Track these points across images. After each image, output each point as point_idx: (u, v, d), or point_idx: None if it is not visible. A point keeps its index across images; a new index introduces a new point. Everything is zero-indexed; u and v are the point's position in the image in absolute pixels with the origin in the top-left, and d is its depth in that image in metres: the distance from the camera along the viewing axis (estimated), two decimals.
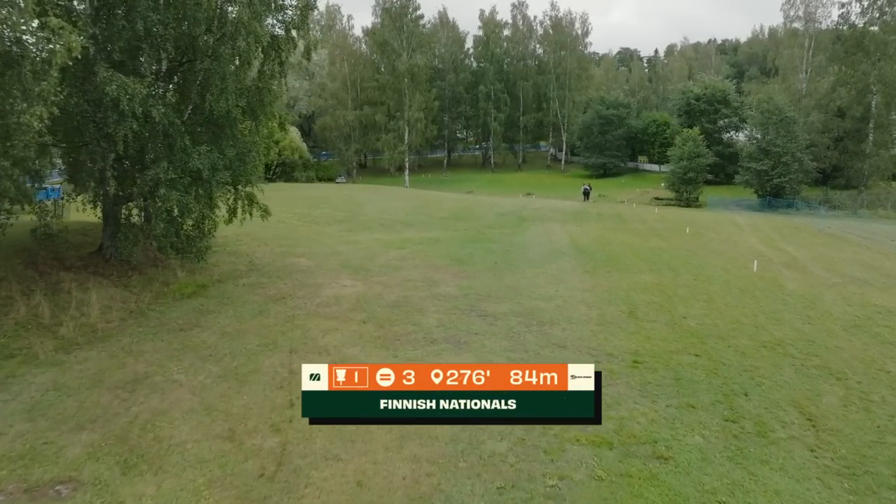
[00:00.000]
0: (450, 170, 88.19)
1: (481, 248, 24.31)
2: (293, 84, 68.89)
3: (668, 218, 36.41)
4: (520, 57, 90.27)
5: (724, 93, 66.61)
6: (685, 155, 52.77)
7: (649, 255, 23.43)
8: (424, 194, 47.14)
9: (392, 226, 31.62)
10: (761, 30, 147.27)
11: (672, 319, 14.79)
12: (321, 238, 26.95)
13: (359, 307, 15.42)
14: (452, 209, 37.74)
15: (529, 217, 34.92)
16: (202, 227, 17.31)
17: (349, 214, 35.21)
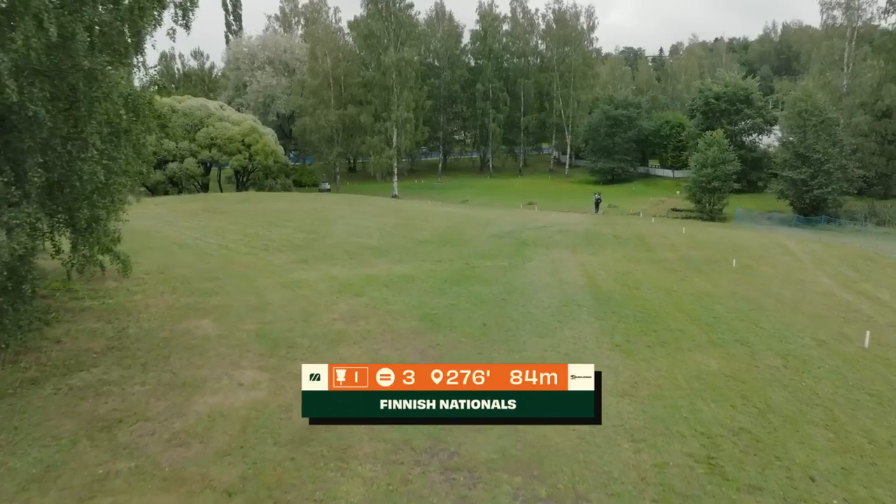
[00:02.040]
0: (445, 174, 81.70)
1: (467, 295, 17.80)
2: (269, 81, 62.44)
3: (701, 241, 29.84)
4: (520, 53, 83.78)
5: (746, 91, 60.01)
6: (709, 161, 46.21)
7: (699, 310, 16.88)
8: (410, 207, 40.63)
9: (359, 254, 25.11)
10: (773, 27, 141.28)
11: (790, 482, 8.25)
12: (259, 276, 20.46)
13: (238, 447, 8.90)
14: (438, 229, 31.20)
15: (532, 241, 28.39)
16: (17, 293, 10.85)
17: (311, 237, 28.73)
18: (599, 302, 17.46)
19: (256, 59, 63.74)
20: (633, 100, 72.73)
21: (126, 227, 15.63)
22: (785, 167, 43.45)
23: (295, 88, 61.40)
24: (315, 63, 59.76)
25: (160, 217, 34.79)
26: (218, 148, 52.86)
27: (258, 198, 43.29)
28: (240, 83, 64.10)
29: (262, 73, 62.63)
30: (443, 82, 79.41)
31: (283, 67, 66.35)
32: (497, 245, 27.20)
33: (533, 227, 33.32)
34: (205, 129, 52.67)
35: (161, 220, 33.24)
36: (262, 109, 62.40)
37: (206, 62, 74.46)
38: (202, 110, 53.27)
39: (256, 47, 64.80)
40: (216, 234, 29.38)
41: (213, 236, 28.78)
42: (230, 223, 32.45)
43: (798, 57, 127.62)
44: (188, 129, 52.46)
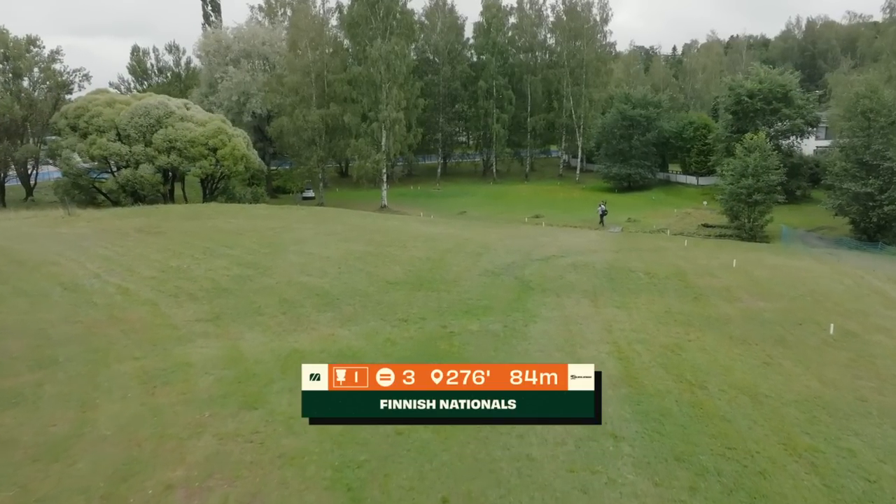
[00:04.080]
0: (445, 180, 74.57)
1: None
2: (244, 77, 55.55)
3: (762, 281, 22.55)
4: (527, 48, 76.46)
5: (784, 88, 52.48)
6: (749, 169, 38.87)
7: (823, 449, 9.73)
8: (390, 227, 33.53)
9: (297, 306, 18.13)
10: (797, 22, 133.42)
11: None
12: (122, 353, 13.63)
13: None
14: (416, 262, 24.10)
15: (537, 282, 21.22)
16: None
17: (246, 274, 21.80)
18: (646, 425, 10.34)
19: (231, 52, 56.77)
20: (652, 98, 65.24)
21: (14, 258, 8.92)
22: (845, 178, 36.00)
23: (273, 85, 54.38)
24: (295, 56, 52.74)
25: (77, 240, 27.99)
26: (178, 152, 45.97)
27: (212, 212, 36.38)
28: (213, 79, 57.26)
29: (236, 68, 55.65)
30: (442, 79, 72.26)
31: (262, 62, 59.43)
32: (490, 289, 20.05)
33: (539, 256, 26.17)
34: (163, 131, 45.79)
35: (72, 246, 26.47)
36: (236, 109, 55.40)
37: (181, 57, 67.83)
38: (161, 109, 46.37)
39: (231, 39, 57.84)
40: (127, 269, 22.57)
41: (119, 272, 21.98)
42: (156, 251, 25.57)
43: (825, 54, 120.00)
44: (143, 131, 45.64)
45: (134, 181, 45.28)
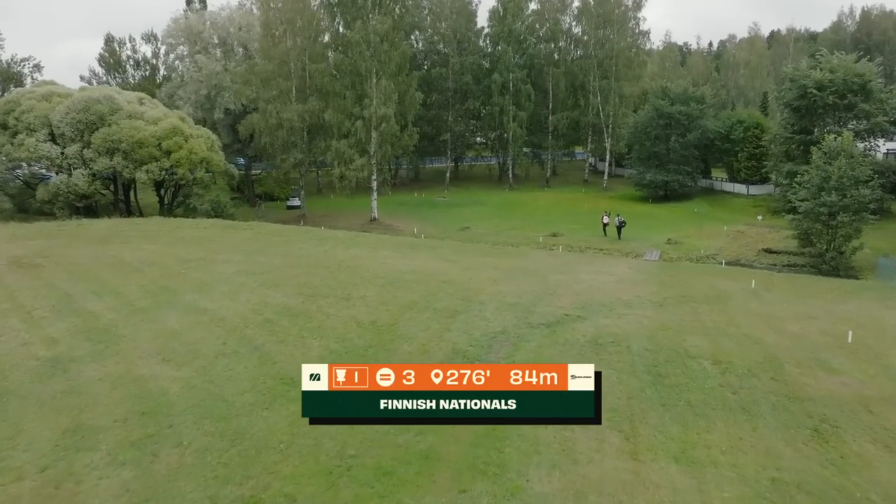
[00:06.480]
0: (455, 185, 66.04)
1: None
2: (214, 67, 47.73)
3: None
4: (549, 37, 67.53)
5: (862, 79, 42.76)
6: (833, 182, 29.56)
7: None
8: (346, 260, 24.97)
9: (67, 458, 9.83)
10: (850, 12, 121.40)
11: None
12: None
13: None
14: (351, 331, 15.57)
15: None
16: None
17: (72, 355, 13.69)
18: None
19: (201, 39, 49.08)
20: (694, 93, 55.77)
21: None
22: None
23: (246, 76, 46.49)
24: (271, 42, 44.75)
25: None
26: (123, 154, 38.37)
27: (134, 233, 28.43)
28: (182, 71, 49.73)
29: (206, 57, 47.90)
30: (451, 72, 63.73)
31: (242, 51, 51.68)
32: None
33: (544, 316, 17.44)
34: (105, 130, 38.25)
35: None
36: (206, 104, 47.73)
37: (160, 47, 60.67)
38: (105, 104, 38.81)
39: (203, 26, 50.12)
40: None
41: None
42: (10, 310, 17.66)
43: (881, 46, 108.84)
44: (80, 129, 38.13)
45: (68, 190, 37.76)
